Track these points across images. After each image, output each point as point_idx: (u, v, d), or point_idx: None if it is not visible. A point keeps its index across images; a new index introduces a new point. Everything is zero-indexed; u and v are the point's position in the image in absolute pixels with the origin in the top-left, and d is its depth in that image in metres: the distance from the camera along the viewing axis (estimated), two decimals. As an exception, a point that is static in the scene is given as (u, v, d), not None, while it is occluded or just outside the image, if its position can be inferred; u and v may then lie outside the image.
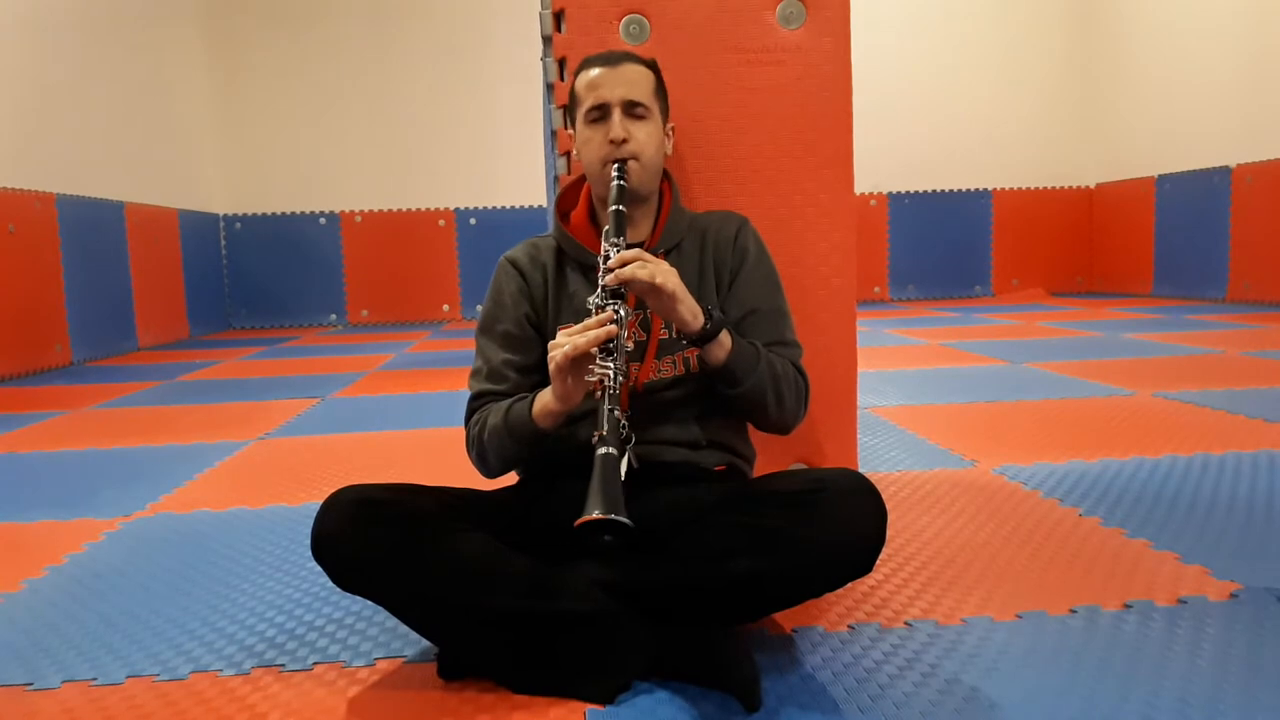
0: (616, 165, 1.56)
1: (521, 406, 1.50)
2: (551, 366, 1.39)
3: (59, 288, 5.83)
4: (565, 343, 1.38)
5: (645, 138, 1.59)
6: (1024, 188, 9.20)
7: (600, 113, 1.59)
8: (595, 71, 1.61)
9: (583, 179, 1.69)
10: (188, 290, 7.82)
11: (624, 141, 1.57)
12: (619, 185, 1.55)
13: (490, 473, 1.60)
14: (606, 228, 1.53)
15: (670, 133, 1.71)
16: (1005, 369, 4.37)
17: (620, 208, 1.54)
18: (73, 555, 2.08)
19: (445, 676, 1.39)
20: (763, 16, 2.02)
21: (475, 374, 1.63)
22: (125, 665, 1.49)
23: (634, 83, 1.60)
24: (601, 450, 1.29)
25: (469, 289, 8.73)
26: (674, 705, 1.29)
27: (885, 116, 8.36)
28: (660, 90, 1.66)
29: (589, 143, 1.60)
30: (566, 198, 1.72)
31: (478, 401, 1.60)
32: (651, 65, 1.66)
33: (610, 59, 1.63)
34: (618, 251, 1.47)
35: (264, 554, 2.04)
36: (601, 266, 1.47)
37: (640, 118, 1.60)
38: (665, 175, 1.69)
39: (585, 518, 1.22)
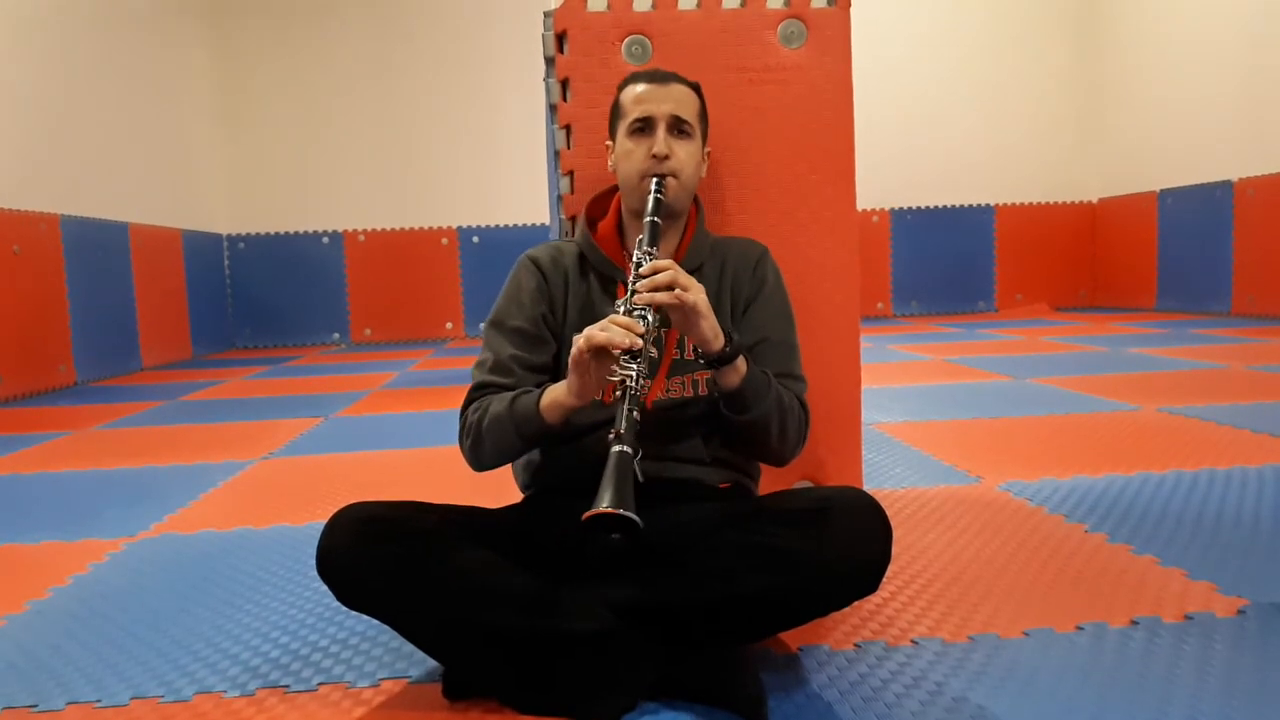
0: (656, 179, 1.58)
1: (529, 398, 1.50)
2: (573, 355, 1.39)
3: (63, 308, 5.85)
4: (592, 333, 1.37)
5: (686, 156, 1.61)
6: (1026, 203, 9.22)
7: (645, 125, 1.61)
8: (643, 87, 1.64)
9: (614, 189, 1.70)
10: (191, 310, 7.84)
11: (666, 158, 1.58)
12: (656, 199, 1.56)
13: (481, 464, 1.59)
14: (640, 236, 1.54)
15: (707, 157, 1.72)
16: (1009, 384, 4.36)
17: (656, 219, 1.55)
18: (77, 576, 2.07)
19: (450, 697, 1.38)
20: (764, 36, 2.03)
21: (480, 365, 1.62)
22: (129, 686, 1.49)
23: (681, 101, 1.62)
24: (617, 448, 1.28)
25: (472, 307, 8.74)
26: (680, 725, 1.28)
27: (887, 133, 8.39)
28: (703, 113, 1.68)
29: (630, 155, 1.61)
30: (597, 205, 1.73)
31: (479, 392, 1.59)
32: (696, 88, 1.68)
33: (659, 76, 1.65)
34: (650, 260, 1.47)
35: (268, 574, 2.03)
36: (633, 272, 1.47)
37: (684, 136, 1.62)
38: (694, 198, 1.71)
39: (594, 510, 1.20)
